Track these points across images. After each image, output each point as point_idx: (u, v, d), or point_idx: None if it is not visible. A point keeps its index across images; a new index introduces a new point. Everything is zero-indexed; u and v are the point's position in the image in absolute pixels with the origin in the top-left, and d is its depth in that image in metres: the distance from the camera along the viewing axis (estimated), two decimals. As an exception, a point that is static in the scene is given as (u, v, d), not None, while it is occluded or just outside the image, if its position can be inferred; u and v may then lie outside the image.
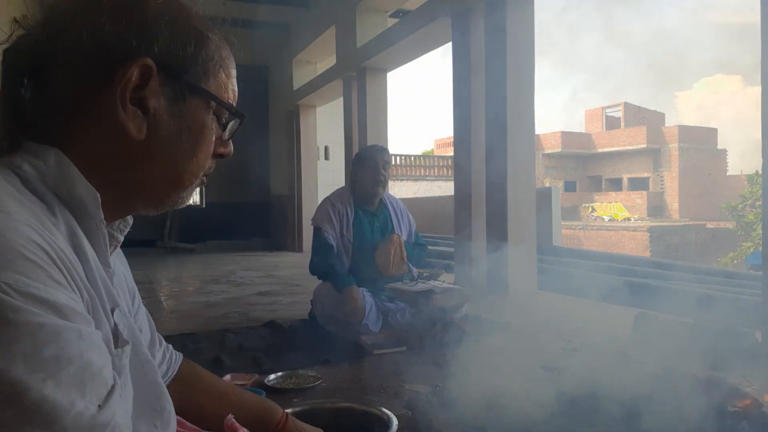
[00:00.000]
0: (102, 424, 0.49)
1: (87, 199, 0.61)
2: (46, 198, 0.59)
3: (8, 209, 0.52)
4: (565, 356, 2.29)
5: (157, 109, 0.64)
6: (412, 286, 2.98)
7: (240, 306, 4.21)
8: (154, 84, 0.63)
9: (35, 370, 0.45)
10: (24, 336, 0.46)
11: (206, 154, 0.71)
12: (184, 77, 0.66)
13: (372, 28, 6.99)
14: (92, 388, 0.49)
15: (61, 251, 0.54)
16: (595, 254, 6.85)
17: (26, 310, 0.47)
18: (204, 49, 0.68)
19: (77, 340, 0.49)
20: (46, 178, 0.60)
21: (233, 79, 0.74)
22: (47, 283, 0.50)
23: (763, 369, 2.37)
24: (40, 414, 0.45)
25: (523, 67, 4.53)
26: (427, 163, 22.01)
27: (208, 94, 0.68)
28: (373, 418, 1.33)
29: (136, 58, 0.62)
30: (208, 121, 0.70)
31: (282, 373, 2.34)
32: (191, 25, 0.67)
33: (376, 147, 3.39)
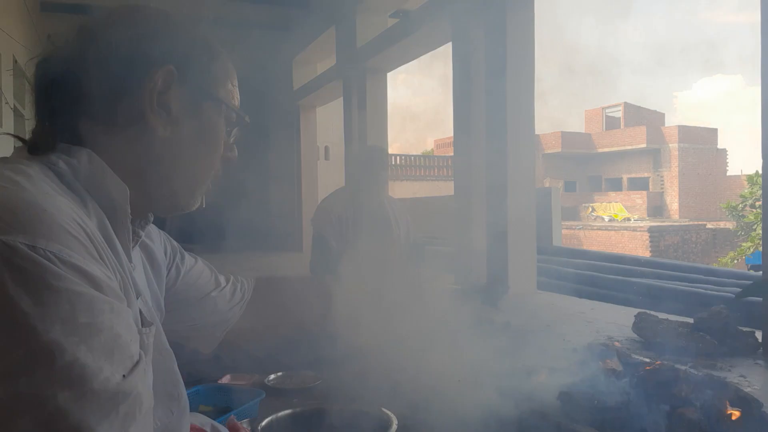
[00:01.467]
0: (125, 391, 0.52)
1: (117, 195, 0.66)
2: (79, 192, 0.64)
3: (51, 193, 0.59)
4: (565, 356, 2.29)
5: (178, 112, 0.73)
6: (412, 286, 2.98)
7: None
8: (176, 89, 0.72)
9: (70, 334, 0.49)
10: (63, 301, 0.50)
11: (218, 155, 0.80)
12: (200, 84, 0.75)
13: (372, 28, 6.99)
14: (119, 359, 0.53)
15: (94, 234, 0.60)
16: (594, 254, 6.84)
17: (67, 278, 0.51)
18: (215, 61, 0.77)
19: (109, 312, 0.54)
20: (79, 175, 0.65)
21: (236, 89, 0.83)
22: (86, 257, 0.55)
23: (763, 369, 2.37)
24: (72, 375, 0.49)
25: (523, 67, 4.53)
26: (427, 163, 22.00)
27: (221, 100, 0.77)
28: (373, 418, 1.33)
29: (160, 65, 0.70)
30: (220, 125, 0.79)
31: (282, 373, 2.33)
32: (203, 40, 0.77)
33: (374, 148, 3.40)
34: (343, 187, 3.43)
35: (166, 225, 4.55)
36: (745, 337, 2.58)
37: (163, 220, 3.93)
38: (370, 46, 6.79)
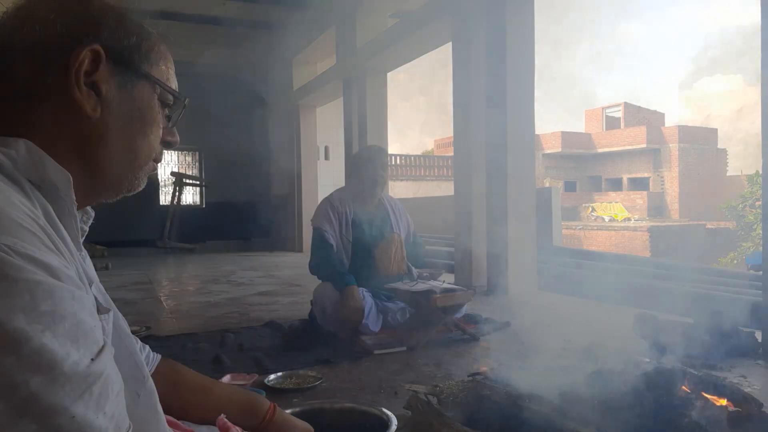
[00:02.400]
0: (96, 373, 0.53)
1: (59, 182, 0.65)
2: (20, 183, 0.63)
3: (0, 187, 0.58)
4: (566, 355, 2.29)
5: (108, 92, 0.71)
6: (412, 286, 2.98)
7: (240, 306, 4.21)
8: (104, 69, 0.70)
9: (34, 322, 0.49)
10: (23, 291, 0.50)
11: (156, 135, 0.78)
12: (130, 63, 0.73)
13: (372, 28, 6.99)
14: (85, 344, 0.53)
15: (45, 225, 0.59)
16: (594, 254, 6.84)
17: (25, 269, 0.51)
18: (145, 40, 0.75)
19: (70, 299, 0.54)
20: (18, 165, 0.64)
21: (172, 72, 0.81)
22: (41, 248, 0.55)
23: (763, 369, 2.37)
24: (41, 360, 0.49)
25: (523, 66, 4.53)
26: (427, 163, 22.01)
27: (153, 78, 0.75)
28: (373, 418, 1.33)
29: (86, 44, 0.68)
30: (154, 104, 0.77)
31: (282, 373, 2.34)
32: (131, 20, 0.75)
33: (374, 147, 3.39)
34: (343, 186, 3.42)
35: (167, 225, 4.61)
36: (745, 337, 2.58)
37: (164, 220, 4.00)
38: (370, 46, 6.79)
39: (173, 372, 1.03)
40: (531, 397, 1.49)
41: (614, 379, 1.49)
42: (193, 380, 1.05)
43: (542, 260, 5.13)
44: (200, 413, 1.00)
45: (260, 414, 1.04)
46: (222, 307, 4.16)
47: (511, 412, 1.48)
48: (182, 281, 6.02)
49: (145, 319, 3.67)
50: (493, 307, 3.87)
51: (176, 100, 0.80)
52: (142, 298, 4.63)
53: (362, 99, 7.04)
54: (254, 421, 1.03)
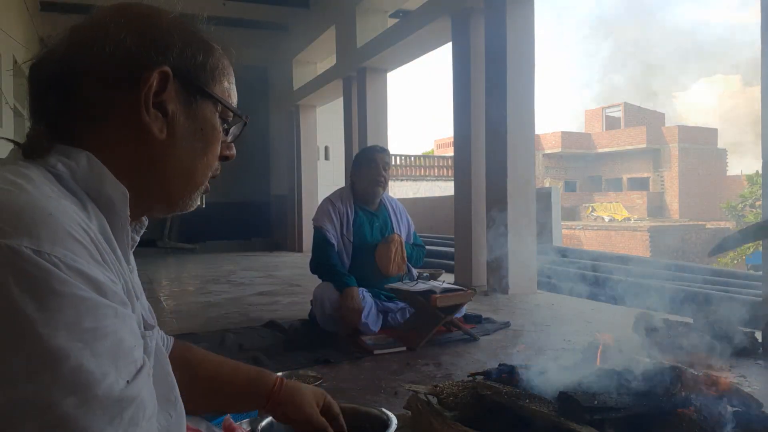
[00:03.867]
0: (129, 397, 0.52)
1: (116, 197, 0.66)
2: (78, 195, 0.63)
3: (54, 196, 0.58)
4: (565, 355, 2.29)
5: (174, 112, 0.71)
6: (412, 286, 2.98)
7: (240, 306, 4.21)
8: (171, 89, 0.70)
9: (75, 339, 0.49)
10: (68, 306, 0.50)
11: (214, 154, 0.78)
12: (196, 82, 0.73)
13: (372, 28, 6.99)
14: (124, 364, 0.53)
15: (97, 238, 0.59)
16: (594, 254, 6.84)
17: (72, 283, 0.51)
18: (210, 57, 0.75)
19: (113, 317, 0.54)
20: (77, 177, 0.64)
21: (233, 86, 0.82)
22: (90, 262, 0.54)
23: (763, 369, 2.37)
24: (77, 381, 0.49)
25: (523, 66, 4.54)
26: (427, 163, 22.00)
27: (216, 97, 0.75)
28: (373, 418, 1.33)
29: (156, 65, 0.68)
30: (217, 123, 0.77)
31: (282, 373, 2.33)
32: (198, 37, 0.75)
33: (376, 147, 3.39)
34: (344, 186, 3.42)
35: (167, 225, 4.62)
36: (745, 337, 2.58)
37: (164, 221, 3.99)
38: (370, 46, 6.79)
39: (186, 350, 1.05)
40: (531, 397, 1.49)
41: (614, 379, 1.49)
42: (205, 356, 1.08)
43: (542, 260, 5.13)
44: (211, 387, 1.02)
45: (269, 382, 1.05)
46: (222, 307, 4.16)
47: (511, 412, 1.48)
48: (182, 281, 6.02)
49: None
50: (493, 307, 3.87)
51: (236, 116, 0.80)
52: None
53: (362, 99, 7.05)
54: (263, 390, 1.04)
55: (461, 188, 5.16)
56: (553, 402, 1.46)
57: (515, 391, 1.52)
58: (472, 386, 1.62)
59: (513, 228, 4.47)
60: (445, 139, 29.53)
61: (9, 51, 5.90)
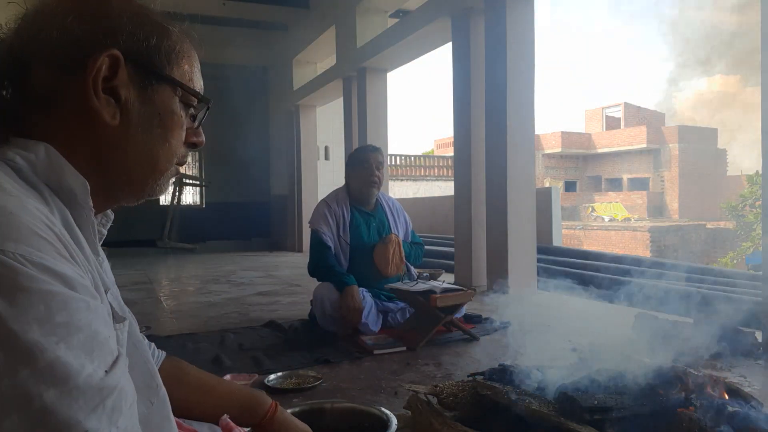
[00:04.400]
0: (110, 386, 0.52)
1: (77, 188, 0.64)
2: (38, 188, 0.62)
3: (15, 193, 0.57)
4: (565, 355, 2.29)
5: (128, 97, 0.69)
6: (412, 286, 2.98)
7: (240, 306, 4.21)
8: (123, 74, 0.68)
9: (49, 334, 0.49)
10: (38, 302, 0.50)
11: (178, 140, 0.75)
12: (150, 66, 0.70)
13: (372, 28, 6.99)
14: (100, 355, 0.53)
15: (61, 233, 0.58)
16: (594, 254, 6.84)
17: (40, 279, 0.51)
18: (165, 40, 0.72)
19: (85, 310, 0.53)
20: (37, 170, 0.63)
21: (197, 70, 0.78)
22: (56, 258, 0.54)
23: (763, 369, 2.37)
24: (55, 373, 0.48)
25: (523, 67, 4.53)
26: (427, 163, 21.99)
27: (174, 80, 0.73)
28: (373, 418, 1.33)
29: (104, 49, 0.66)
30: (176, 108, 0.74)
31: (282, 373, 2.34)
32: (151, 19, 0.72)
33: (368, 147, 3.36)
34: (340, 187, 3.41)
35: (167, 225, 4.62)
36: (745, 337, 2.58)
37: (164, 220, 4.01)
38: (370, 46, 6.79)
39: (177, 369, 1.03)
40: (531, 397, 1.49)
41: (614, 379, 1.49)
42: (197, 377, 1.05)
43: (542, 260, 5.13)
44: (202, 410, 1.00)
45: (261, 412, 1.04)
46: (222, 307, 4.16)
47: (511, 412, 1.48)
48: (182, 281, 6.01)
49: (145, 319, 3.67)
50: (493, 307, 3.87)
51: (200, 101, 0.77)
52: (142, 298, 4.63)
53: (362, 99, 7.04)
54: (255, 419, 1.03)
55: (461, 188, 5.16)
56: (553, 402, 1.46)
57: (515, 391, 1.52)
58: (472, 386, 1.62)
59: (513, 228, 4.47)
60: (445, 139, 29.52)
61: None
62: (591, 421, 1.37)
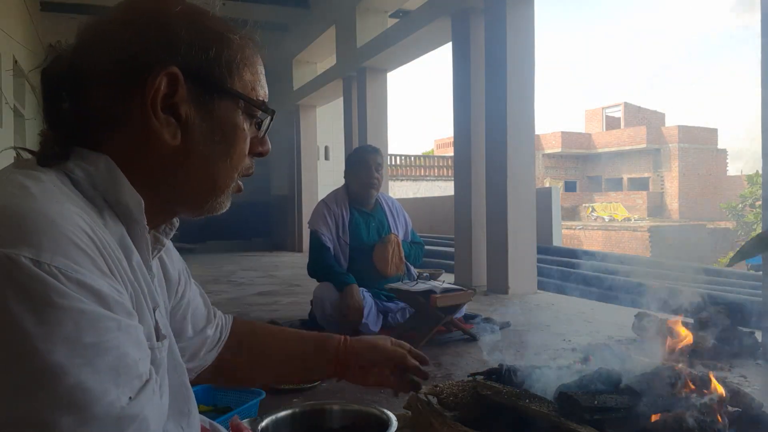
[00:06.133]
0: (130, 416, 0.50)
1: (132, 205, 0.63)
2: (95, 201, 0.61)
3: (61, 200, 0.56)
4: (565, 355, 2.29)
5: (188, 115, 0.66)
6: (412, 286, 2.98)
7: (240, 306, 4.21)
8: (183, 91, 0.65)
9: (74, 356, 0.47)
10: (67, 320, 0.48)
11: (240, 154, 0.73)
12: (210, 80, 0.67)
13: (372, 28, 6.99)
14: (126, 380, 0.51)
15: (108, 245, 0.57)
16: (595, 254, 6.85)
17: (72, 296, 0.48)
18: (226, 50, 0.69)
19: (116, 330, 0.51)
20: (95, 182, 0.62)
21: (260, 76, 0.75)
22: (93, 272, 0.52)
23: (763, 369, 2.37)
24: (75, 399, 0.47)
25: (523, 67, 4.54)
26: (427, 163, 21.99)
27: (235, 93, 0.70)
28: (373, 418, 1.33)
29: (162, 67, 0.64)
30: (239, 121, 0.71)
31: (282, 373, 2.33)
32: (210, 28, 0.69)
33: (367, 148, 3.36)
34: (339, 187, 3.41)
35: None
36: (745, 337, 2.58)
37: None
38: (370, 46, 6.79)
39: (247, 323, 1.09)
40: (531, 397, 1.49)
41: (614, 379, 1.49)
42: (265, 325, 1.13)
43: (542, 260, 5.13)
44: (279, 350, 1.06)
45: (335, 342, 1.07)
46: (222, 307, 4.11)
47: (511, 412, 1.48)
48: (182, 281, 6.00)
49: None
50: (493, 307, 3.87)
51: (263, 110, 0.74)
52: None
53: (362, 99, 7.05)
54: (331, 349, 1.06)
55: (461, 188, 5.16)
56: (553, 402, 1.46)
57: (515, 391, 1.52)
58: (472, 386, 1.62)
59: (513, 228, 4.47)
60: (445, 139, 29.53)
61: (9, 51, 5.89)
62: (591, 421, 1.37)
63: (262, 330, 1.08)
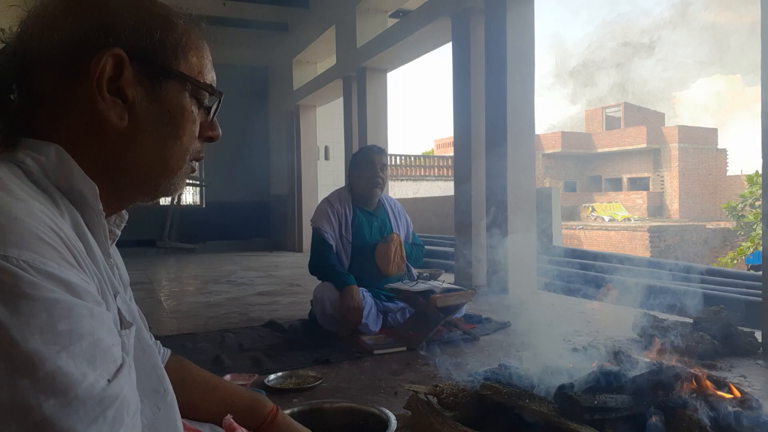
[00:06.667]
0: (111, 396, 0.52)
1: (87, 191, 0.64)
2: (48, 190, 0.61)
3: (22, 196, 0.56)
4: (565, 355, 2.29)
5: (135, 97, 0.67)
6: (412, 286, 2.98)
7: (240, 306, 4.21)
8: (129, 72, 0.66)
9: (50, 343, 0.48)
10: (40, 310, 0.49)
11: (190, 136, 0.73)
12: (155, 62, 0.68)
13: (372, 28, 6.99)
14: (102, 364, 0.52)
15: (68, 237, 0.57)
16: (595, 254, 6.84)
17: (43, 287, 0.50)
18: (170, 33, 0.70)
19: (89, 317, 0.52)
20: (48, 172, 0.62)
21: (206, 61, 0.75)
22: (61, 264, 0.53)
23: (763, 369, 2.37)
24: (55, 383, 0.48)
25: (523, 67, 4.54)
26: (427, 163, 21.99)
27: (182, 75, 0.70)
28: (373, 418, 1.33)
29: (107, 49, 0.64)
30: (186, 103, 0.72)
31: (282, 373, 2.34)
32: (154, 12, 0.70)
33: (373, 148, 3.37)
34: (342, 186, 3.42)
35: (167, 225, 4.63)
36: (745, 337, 2.58)
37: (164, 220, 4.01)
38: (370, 46, 6.79)
39: (181, 368, 1.03)
40: (531, 397, 1.49)
41: (614, 379, 1.49)
42: (200, 376, 1.05)
43: (542, 260, 5.13)
44: (206, 409, 1.00)
45: (263, 414, 1.03)
46: (222, 307, 4.16)
47: (511, 412, 1.48)
48: (182, 281, 6.01)
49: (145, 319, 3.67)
50: (493, 307, 3.87)
51: (211, 93, 0.75)
52: (142, 298, 4.63)
53: (362, 99, 7.05)
54: (257, 421, 1.02)
55: (461, 188, 5.16)
56: (553, 402, 1.46)
57: (515, 391, 1.52)
58: (471, 386, 1.62)
59: (513, 228, 4.47)
60: (445, 139, 29.53)
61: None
62: (591, 421, 1.37)
63: (192, 378, 1.03)
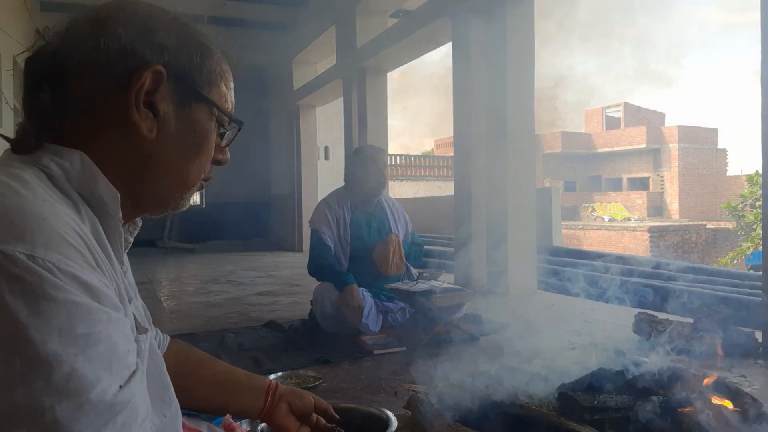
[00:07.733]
0: (122, 402, 0.52)
1: (108, 198, 0.65)
2: (71, 196, 0.63)
3: (49, 200, 0.58)
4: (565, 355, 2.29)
5: (166, 113, 0.70)
6: (412, 286, 2.98)
7: (240, 306, 4.21)
8: (164, 89, 0.69)
9: (68, 345, 0.49)
10: (61, 312, 0.50)
11: (208, 157, 0.77)
12: (191, 84, 0.72)
13: (372, 28, 6.99)
14: (117, 369, 0.53)
15: (90, 241, 0.59)
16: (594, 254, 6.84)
17: (65, 288, 0.51)
18: (208, 60, 0.74)
19: (107, 322, 0.54)
20: (71, 178, 0.64)
21: (232, 91, 0.80)
22: (83, 266, 0.55)
23: (763, 369, 2.37)
24: (70, 386, 0.49)
25: (523, 66, 4.54)
26: (427, 163, 22.01)
27: (212, 101, 0.74)
28: (373, 418, 1.33)
29: (149, 64, 0.67)
30: (211, 127, 0.75)
31: (282, 373, 2.34)
32: (196, 39, 0.74)
33: (375, 148, 3.37)
34: (340, 187, 3.41)
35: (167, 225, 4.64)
36: (745, 337, 2.58)
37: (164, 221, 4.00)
38: (370, 46, 6.79)
39: (182, 351, 1.06)
40: (531, 397, 1.49)
41: (614, 379, 1.49)
42: (201, 355, 1.09)
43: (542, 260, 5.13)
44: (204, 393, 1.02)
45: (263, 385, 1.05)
46: (222, 307, 4.16)
47: (510, 412, 1.48)
48: (182, 281, 6.02)
49: (145, 319, 3.67)
50: (493, 307, 3.87)
51: (232, 121, 0.79)
52: (142, 299, 4.63)
53: (362, 99, 7.04)
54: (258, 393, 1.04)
55: (461, 188, 5.16)
56: (553, 402, 1.46)
57: (515, 391, 1.52)
58: (471, 386, 1.62)
59: (513, 228, 4.47)
60: (445, 139, 29.52)
61: (9, 51, 5.90)
62: (591, 421, 1.37)
63: (196, 357, 1.07)
